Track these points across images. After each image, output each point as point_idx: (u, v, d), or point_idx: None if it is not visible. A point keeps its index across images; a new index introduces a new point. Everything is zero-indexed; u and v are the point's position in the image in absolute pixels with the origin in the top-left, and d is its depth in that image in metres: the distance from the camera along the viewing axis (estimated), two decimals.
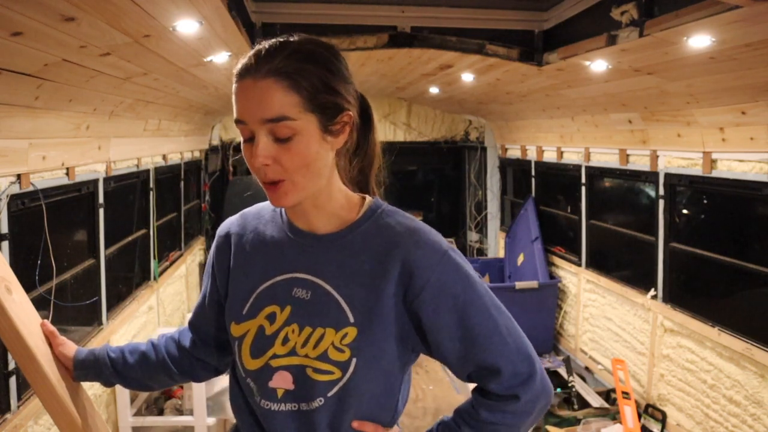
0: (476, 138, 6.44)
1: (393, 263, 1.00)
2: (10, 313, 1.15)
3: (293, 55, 0.96)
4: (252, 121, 0.95)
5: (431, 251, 1.01)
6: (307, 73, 0.96)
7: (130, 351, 1.23)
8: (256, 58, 0.96)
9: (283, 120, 0.94)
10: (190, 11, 1.87)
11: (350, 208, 1.07)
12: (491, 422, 1.04)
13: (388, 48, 3.09)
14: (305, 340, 1.02)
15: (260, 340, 1.05)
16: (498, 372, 1.01)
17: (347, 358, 1.00)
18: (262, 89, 0.94)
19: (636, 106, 3.39)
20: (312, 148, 0.97)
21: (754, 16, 1.78)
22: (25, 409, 2.21)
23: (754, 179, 2.78)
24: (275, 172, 0.97)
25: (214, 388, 3.18)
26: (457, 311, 1.00)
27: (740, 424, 2.94)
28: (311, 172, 0.98)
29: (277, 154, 0.96)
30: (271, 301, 1.06)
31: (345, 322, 1.01)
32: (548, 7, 3.09)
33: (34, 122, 2.15)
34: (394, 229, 1.03)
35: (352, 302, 1.01)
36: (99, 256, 3.08)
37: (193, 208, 5.55)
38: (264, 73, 0.95)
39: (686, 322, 3.32)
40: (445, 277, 1.00)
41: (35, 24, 1.51)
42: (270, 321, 1.05)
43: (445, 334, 1.01)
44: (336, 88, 0.98)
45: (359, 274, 1.02)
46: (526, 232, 5.32)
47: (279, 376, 1.04)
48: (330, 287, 1.03)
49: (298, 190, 0.99)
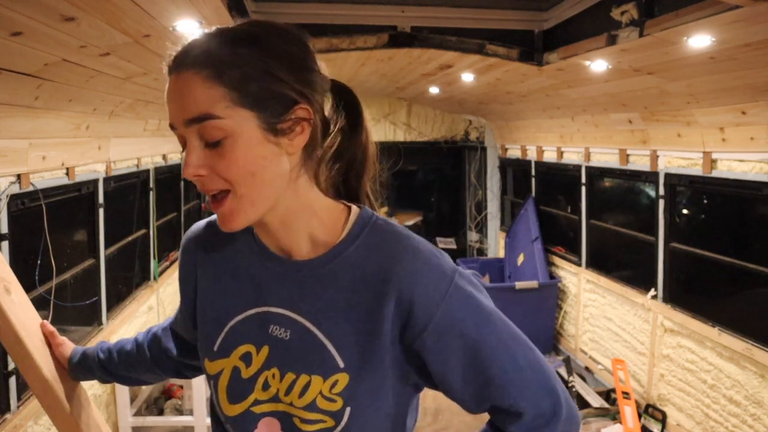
0: (476, 138, 6.44)
1: (386, 298, 0.81)
2: (9, 314, 1.15)
3: (219, 39, 0.80)
4: (179, 125, 0.80)
5: (434, 281, 0.82)
6: (236, 59, 0.78)
7: (118, 351, 1.19)
8: (179, 50, 0.81)
9: (206, 119, 0.77)
10: (190, 11, 1.87)
11: (332, 225, 0.87)
12: None
13: (388, 48, 3.09)
14: (288, 388, 0.86)
15: (237, 384, 0.89)
16: (519, 415, 0.85)
17: (340, 407, 0.84)
18: (181, 85, 0.79)
19: (636, 106, 3.39)
20: (252, 152, 0.79)
21: (754, 16, 1.78)
22: (24, 409, 2.21)
23: (754, 179, 2.78)
24: (214, 182, 0.80)
25: None
26: (468, 352, 0.82)
27: (740, 424, 2.94)
28: (259, 183, 0.80)
29: (211, 161, 0.79)
30: (245, 339, 0.89)
31: (334, 368, 0.84)
32: (548, 7, 3.09)
33: (34, 122, 2.15)
34: (386, 253, 0.84)
35: (340, 344, 0.84)
36: (99, 256, 3.08)
37: (193, 208, 5.54)
38: (183, 65, 0.79)
39: (686, 322, 3.32)
40: (452, 314, 0.81)
41: (35, 24, 1.51)
42: (245, 363, 0.89)
43: (455, 377, 0.84)
44: (280, 76, 0.79)
45: (347, 310, 0.84)
46: (526, 232, 5.32)
47: (264, 424, 0.88)
48: (312, 326, 0.85)
49: (247, 206, 0.80)
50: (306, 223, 0.87)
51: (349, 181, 0.94)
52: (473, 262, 5.82)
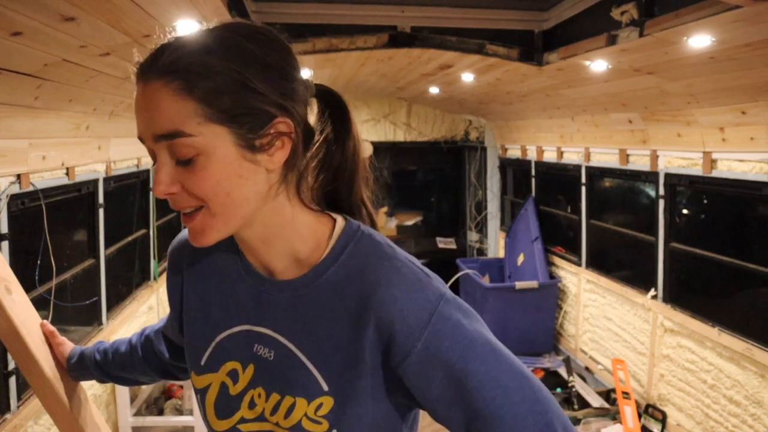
0: (476, 138, 6.44)
1: (366, 324, 0.76)
2: (9, 314, 1.15)
3: (190, 46, 0.72)
4: (147, 139, 0.74)
5: (416, 309, 0.75)
6: (207, 69, 0.71)
7: (114, 353, 1.19)
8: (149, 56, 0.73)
9: (176, 137, 0.71)
10: (190, 11, 1.87)
11: (315, 241, 0.82)
12: None
13: (388, 48, 3.09)
14: (274, 408, 0.83)
15: (224, 400, 0.87)
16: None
17: (325, 429, 0.80)
18: (149, 96, 0.72)
19: (636, 106, 3.39)
20: (227, 170, 0.73)
21: (754, 16, 1.78)
22: (25, 409, 2.20)
23: (754, 179, 2.78)
24: (186, 200, 0.75)
25: None
26: (455, 383, 0.75)
27: (740, 424, 2.94)
28: (233, 202, 0.75)
29: (182, 178, 0.73)
30: (232, 356, 0.86)
31: (318, 392, 0.80)
32: (548, 7, 3.09)
33: (34, 122, 2.15)
34: (367, 276, 0.78)
35: (323, 367, 0.80)
36: (99, 256, 3.08)
37: None
38: (152, 74, 0.71)
39: (686, 322, 3.32)
40: (435, 343, 0.75)
41: (35, 24, 1.51)
42: (233, 380, 0.86)
43: (442, 407, 0.78)
44: (257, 88, 0.72)
45: (328, 335, 0.79)
46: (526, 232, 5.32)
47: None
48: (295, 348, 0.81)
49: (220, 224, 0.76)
50: (287, 241, 0.82)
51: (339, 191, 0.88)
52: (473, 262, 5.83)
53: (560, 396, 3.97)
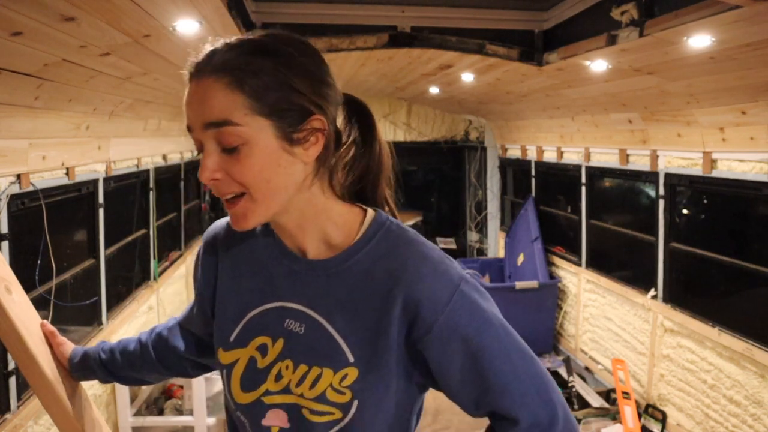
0: (476, 138, 6.44)
1: (394, 300, 0.85)
2: (9, 313, 1.15)
3: (241, 49, 0.82)
4: (196, 127, 0.82)
5: (439, 286, 0.85)
6: (256, 69, 0.81)
7: (121, 351, 1.20)
8: (203, 57, 0.83)
9: (225, 125, 0.80)
10: (190, 11, 1.87)
11: (347, 228, 0.91)
12: None
13: (388, 48, 3.09)
14: (300, 379, 0.90)
15: (252, 373, 0.93)
16: (516, 422, 0.87)
17: (348, 399, 0.88)
18: (202, 90, 0.81)
19: (636, 106, 3.39)
20: (268, 160, 0.82)
21: (754, 16, 1.78)
22: (25, 409, 2.20)
23: (754, 179, 2.78)
24: (229, 186, 0.83)
25: (213, 388, 3.18)
26: (470, 356, 0.85)
27: (740, 424, 2.94)
28: (273, 189, 0.83)
29: (227, 166, 0.82)
30: (262, 331, 0.93)
31: (344, 363, 0.88)
32: (548, 7, 3.09)
33: (34, 122, 2.15)
34: (396, 257, 0.87)
35: (350, 340, 0.88)
36: (99, 256, 3.08)
37: (193, 208, 5.54)
38: (204, 72, 0.81)
39: (686, 322, 3.32)
40: (455, 318, 0.84)
41: (35, 24, 1.51)
42: (261, 353, 0.93)
43: (456, 379, 0.87)
44: (297, 87, 0.82)
45: (358, 309, 0.88)
46: (526, 232, 5.32)
47: (273, 414, 0.93)
48: (326, 322, 0.89)
49: (260, 209, 0.84)
50: (320, 227, 0.91)
51: (365, 190, 0.97)
52: (473, 262, 5.83)
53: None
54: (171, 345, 1.15)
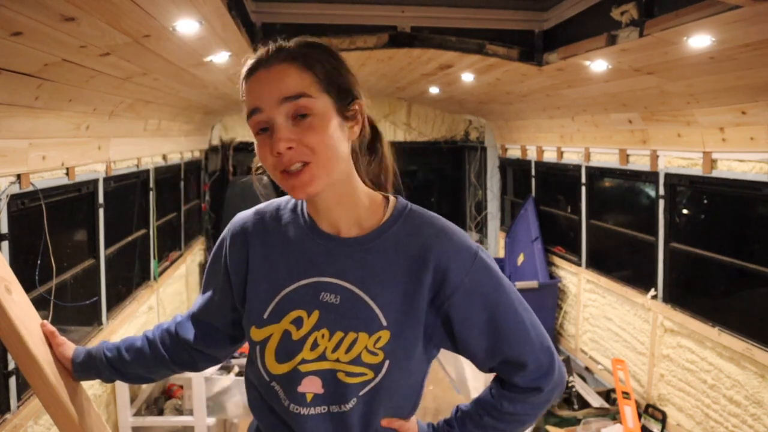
0: (476, 138, 6.44)
1: (425, 268, 1.00)
2: (10, 313, 1.15)
3: (302, 44, 0.99)
4: (269, 105, 0.95)
5: (464, 255, 1.01)
6: (319, 57, 0.98)
7: (127, 348, 1.21)
8: (264, 53, 0.98)
9: (301, 96, 0.94)
10: (190, 11, 1.87)
11: (374, 209, 1.05)
12: (512, 413, 1.09)
13: (388, 48, 3.09)
14: (336, 345, 1.01)
15: (287, 345, 1.03)
16: (523, 366, 1.05)
17: (380, 360, 1.00)
18: (276, 73, 0.96)
19: (636, 106, 3.39)
20: (331, 128, 0.96)
21: (754, 16, 1.78)
22: (25, 409, 2.20)
23: (754, 179, 2.78)
24: (300, 154, 0.94)
25: (214, 388, 3.18)
26: (488, 310, 1.02)
27: (740, 424, 2.94)
28: (334, 156, 0.96)
29: (299, 135, 0.94)
30: (297, 305, 1.03)
31: (378, 326, 1.00)
32: (548, 7, 3.09)
33: (34, 122, 2.15)
34: (425, 232, 1.02)
35: (384, 306, 1.00)
36: (99, 256, 3.08)
37: (193, 208, 5.54)
38: (276, 59, 0.96)
39: (686, 322, 3.32)
40: (476, 279, 1.01)
41: (35, 24, 1.51)
42: (296, 326, 1.03)
43: (475, 332, 1.02)
44: (347, 75, 1.00)
45: (391, 278, 1.01)
46: (526, 232, 5.32)
47: (308, 381, 1.03)
48: (361, 291, 1.01)
49: (323, 174, 0.96)
50: (353, 206, 1.03)
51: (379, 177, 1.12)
52: None
53: (560, 396, 3.97)
54: (181, 338, 1.19)
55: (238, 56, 2.81)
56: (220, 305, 1.15)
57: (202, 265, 5.75)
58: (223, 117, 5.88)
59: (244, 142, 6.02)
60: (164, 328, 1.23)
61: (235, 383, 3.19)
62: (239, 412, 3.22)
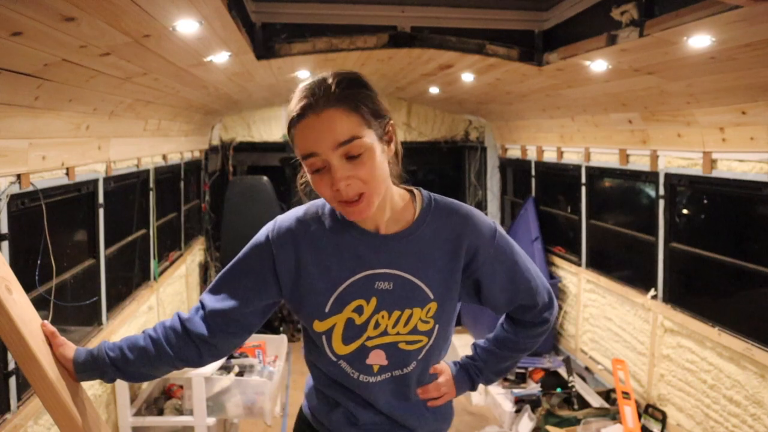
0: (476, 138, 6.44)
1: (460, 248, 1.23)
2: (10, 313, 1.15)
3: (341, 84, 1.09)
4: (325, 150, 1.07)
5: (487, 232, 1.26)
6: (358, 96, 1.10)
7: (129, 347, 1.23)
8: (310, 98, 1.08)
9: (353, 140, 1.07)
10: (190, 11, 1.87)
11: (405, 206, 1.24)
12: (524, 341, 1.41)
13: (388, 48, 3.08)
14: (395, 322, 1.23)
15: (352, 329, 1.23)
16: (534, 306, 1.35)
17: (431, 326, 1.24)
18: (327, 119, 1.07)
19: (636, 106, 3.39)
20: (379, 159, 1.11)
21: (754, 16, 1.78)
22: (25, 409, 2.20)
23: (754, 179, 2.78)
24: (356, 187, 1.10)
25: (213, 388, 3.17)
26: (508, 271, 1.29)
27: (740, 424, 2.94)
28: (381, 180, 1.12)
29: (353, 171, 1.08)
30: (356, 296, 1.21)
31: (427, 300, 1.23)
32: (548, 7, 3.09)
33: (34, 122, 2.15)
34: (454, 219, 1.24)
35: (430, 283, 1.22)
36: (99, 256, 3.08)
37: (193, 208, 5.54)
38: (323, 105, 1.07)
39: (686, 322, 3.32)
40: (499, 249, 1.27)
41: (35, 24, 1.51)
42: (358, 313, 1.22)
43: (498, 288, 1.29)
44: (380, 103, 1.14)
45: (433, 261, 1.22)
46: (526, 232, 5.32)
47: (374, 354, 1.24)
48: (410, 276, 1.21)
49: (375, 198, 1.12)
50: (391, 206, 1.21)
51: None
52: None
53: (560, 396, 3.96)
54: (192, 333, 1.25)
55: (238, 56, 2.82)
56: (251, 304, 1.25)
57: (202, 264, 5.75)
58: (223, 117, 5.88)
59: (244, 142, 6.02)
60: (168, 325, 1.26)
61: (235, 383, 3.19)
62: (239, 412, 3.22)
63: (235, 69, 3.16)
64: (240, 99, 4.66)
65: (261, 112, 5.99)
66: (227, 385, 3.17)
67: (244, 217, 5.40)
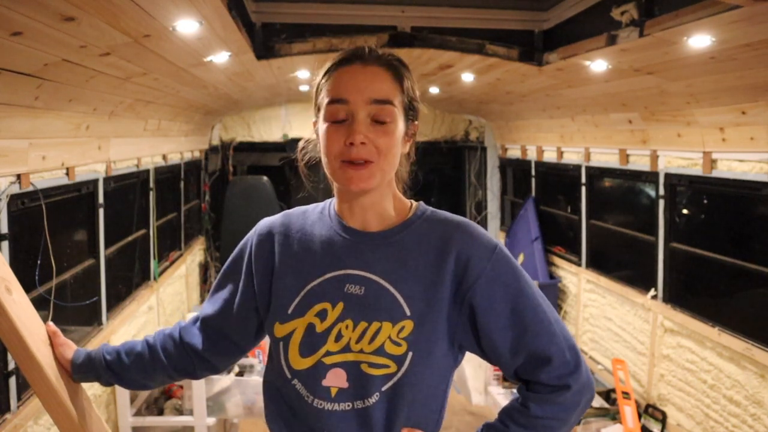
0: (476, 138, 6.44)
1: (448, 256, 1.04)
2: (10, 314, 1.15)
3: (396, 59, 1.09)
4: (357, 101, 1.02)
5: (484, 244, 1.06)
6: (407, 75, 1.09)
7: (126, 352, 1.21)
8: (364, 49, 1.06)
9: (388, 104, 1.04)
10: (190, 11, 1.87)
11: (400, 209, 1.12)
12: (541, 417, 1.04)
13: (388, 48, 3.08)
14: (360, 336, 1.03)
15: (311, 338, 1.05)
16: (549, 360, 1.03)
17: (403, 351, 1.02)
18: (373, 73, 1.04)
19: (636, 106, 3.39)
20: (398, 139, 1.06)
21: (754, 16, 1.78)
22: (25, 409, 2.20)
23: (754, 179, 2.78)
24: (368, 152, 1.02)
25: (214, 388, 3.17)
26: (510, 300, 1.04)
27: (740, 424, 2.94)
28: (392, 162, 1.06)
29: (373, 136, 1.02)
30: (321, 298, 1.06)
31: (402, 316, 1.03)
32: (548, 7, 3.09)
33: (34, 122, 2.15)
34: (446, 224, 1.09)
35: (408, 296, 1.04)
36: (99, 256, 3.08)
37: (193, 208, 5.54)
38: (375, 60, 1.05)
39: (686, 322, 3.32)
40: (498, 268, 1.04)
41: (35, 24, 1.51)
42: (321, 318, 1.05)
43: (499, 323, 1.03)
44: (417, 97, 1.12)
45: (415, 269, 1.05)
46: (526, 232, 5.32)
47: (332, 374, 1.04)
48: (385, 282, 1.05)
49: (380, 175, 1.04)
50: (384, 206, 1.10)
51: None
52: None
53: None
54: (187, 344, 1.19)
55: (238, 56, 2.81)
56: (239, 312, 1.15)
57: (202, 264, 5.75)
58: (223, 117, 5.88)
59: (244, 142, 6.02)
60: (167, 333, 1.22)
61: (235, 383, 3.19)
62: (239, 412, 3.22)
63: (235, 69, 3.16)
64: (240, 99, 4.66)
65: (261, 112, 5.99)
66: (227, 385, 3.17)
67: (244, 217, 5.41)
